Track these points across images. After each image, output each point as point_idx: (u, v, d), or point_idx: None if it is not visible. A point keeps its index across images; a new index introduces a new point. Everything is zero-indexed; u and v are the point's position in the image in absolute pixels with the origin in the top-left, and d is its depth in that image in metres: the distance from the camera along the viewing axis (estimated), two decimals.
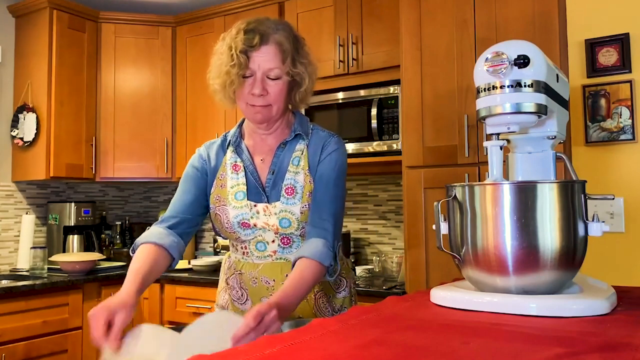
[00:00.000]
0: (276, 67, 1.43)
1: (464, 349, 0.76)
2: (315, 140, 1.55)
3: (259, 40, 1.41)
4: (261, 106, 1.45)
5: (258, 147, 1.56)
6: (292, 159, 1.51)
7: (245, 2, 3.50)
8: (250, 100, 1.45)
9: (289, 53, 1.44)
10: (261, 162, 1.54)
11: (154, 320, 3.31)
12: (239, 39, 1.42)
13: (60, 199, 3.81)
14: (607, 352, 0.72)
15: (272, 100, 1.45)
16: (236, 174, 1.52)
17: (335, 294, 1.55)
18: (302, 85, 1.49)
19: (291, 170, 1.50)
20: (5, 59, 3.57)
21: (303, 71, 1.47)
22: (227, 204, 1.49)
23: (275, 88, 1.44)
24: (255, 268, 1.50)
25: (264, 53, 1.42)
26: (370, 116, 2.82)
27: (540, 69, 1.09)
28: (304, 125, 1.56)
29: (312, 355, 0.73)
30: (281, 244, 1.48)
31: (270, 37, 1.43)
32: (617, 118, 2.05)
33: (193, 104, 3.72)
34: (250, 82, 1.44)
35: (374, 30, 2.92)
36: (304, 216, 1.46)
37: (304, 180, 1.49)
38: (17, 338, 2.78)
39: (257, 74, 1.43)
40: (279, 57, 1.43)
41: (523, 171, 1.26)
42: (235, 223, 1.47)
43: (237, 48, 1.41)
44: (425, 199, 2.46)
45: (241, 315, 1.16)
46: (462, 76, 2.40)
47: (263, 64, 1.42)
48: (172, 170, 3.77)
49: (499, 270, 1.02)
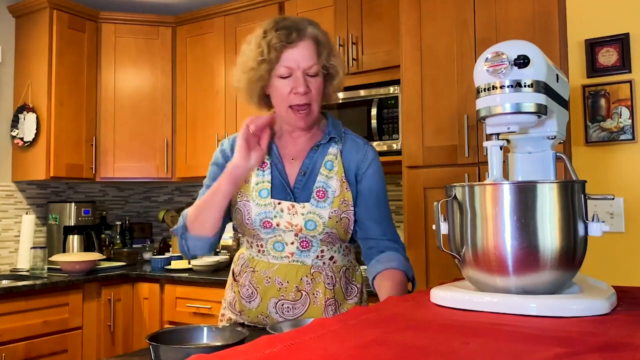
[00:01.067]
0: (315, 63, 1.39)
1: (464, 349, 0.76)
2: (350, 146, 1.53)
3: (296, 36, 1.37)
4: (305, 109, 1.41)
5: (289, 146, 1.52)
6: (325, 162, 1.49)
7: (245, 2, 3.50)
8: (294, 100, 1.40)
9: (325, 46, 1.41)
10: (291, 162, 1.51)
11: (153, 321, 3.31)
12: (273, 36, 1.37)
13: (60, 199, 3.81)
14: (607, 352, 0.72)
15: (314, 98, 1.42)
16: (262, 170, 1.49)
17: (346, 300, 1.53)
18: (336, 77, 1.46)
19: (323, 174, 1.47)
20: (5, 59, 3.57)
21: (337, 63, 1.45)
22: (250, 200, 1.46)
23: (315, 85, 1.41)
24: (270, 267, 1.48)
25: (302, 49, 1.38)
26: (370, 116, 2.82)
27: (540, 69, 1.09)
28: (338, 128, 1.54)
29: (312, 355, 0.73)
30: (300, 247, 1.46)
31: (306, 32, 1.39)
32: (617, 118, 2.05)
33: (193, 104, 3.72)
34: (290, 81, 1.39)
35: (374, 30, 2.92)
36: (331, 221, 1.44)
37: (338, 187, 1.47)
38: (17, 338, 2.78)
39: (296, 72, 1.38)
40: (315, 52, 1.39)
41: (523, 171, 1.26)
42: (257, 220, 1.45)
43: (270, 44, 1.36)
44: (425, 199, 2.46)
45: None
46: (462, 76, 2.40)
47: (302, 62, 1.38)
48: (172, 170, 3.77)
49: (499, 270, 1.02)
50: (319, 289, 1.47)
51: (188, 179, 3.79)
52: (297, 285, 1.46)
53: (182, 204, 4.18)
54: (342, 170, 1.49)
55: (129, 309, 3.39)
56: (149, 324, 3.33)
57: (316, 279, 1.47)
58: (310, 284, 1.47)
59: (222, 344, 1.15)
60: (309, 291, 1.47)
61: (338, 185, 1.47)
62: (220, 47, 3.62)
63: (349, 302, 1.54)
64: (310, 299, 1.47)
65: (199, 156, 3.66)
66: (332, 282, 1.49)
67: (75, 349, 3.06)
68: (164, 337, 1.16)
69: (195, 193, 4.16)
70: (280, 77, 1.40)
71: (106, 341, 3.25)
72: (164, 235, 4.26)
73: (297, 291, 1.46)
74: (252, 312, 1.50)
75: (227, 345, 1.06)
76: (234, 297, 1.56)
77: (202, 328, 1.23)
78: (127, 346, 3.35)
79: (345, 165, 1.50)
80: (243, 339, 1.13)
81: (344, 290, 1.52)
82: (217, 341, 1.20)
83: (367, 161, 1.53)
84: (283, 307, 1.46)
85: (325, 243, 1.47)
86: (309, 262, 1.47)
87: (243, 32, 3.53)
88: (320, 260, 1.48)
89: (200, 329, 1.23)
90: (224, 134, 3.53)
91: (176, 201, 4.26)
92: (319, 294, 1.47)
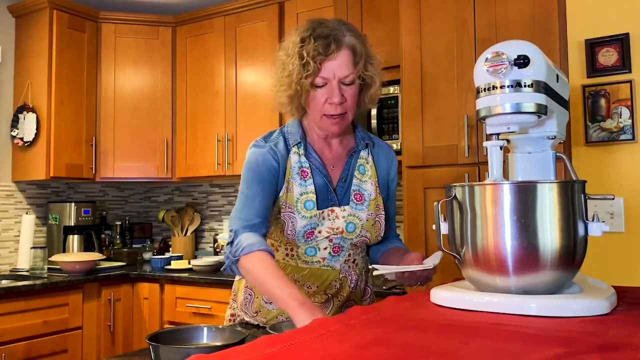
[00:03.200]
0: (351, 72, 1.37)
1: (464, 349, 0.76)
2: (379, 150, 1.56)
3: (335, 47, 1.34)
4: (339, 116, 1.39)
5: (326, 152, 1.51)
6: (358, 166, 1.51)
7: (245, 2, 3.50)
8: (329, 110, 1.38)
9: (362, 56, 1.39)
10: (332, 169, 1.50)
11: (153, 321, 3.31)
12: (311, 46, 1.34)
13: (60, 199, 3.81)
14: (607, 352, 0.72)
15: (349, 107, 1.40)
16: (304, 180, 1.45)
17: (361, 302, 1.56)
18: (373, 86, 1.44)
19: (357, 177, 1.49)
20: (5, 59, 3.57)
21: (374, 73, 1.42)
22: (294, 211, 1.42)
23: (350, 93, 1.39)
24: (299, 272, 1.47)
25: (339, 59, 1.35)
26: (370, 116, 2.82)
27: (540, 69, 1.09)
28: (366, 133, 1.56)
29: (312, 355, 0.73)
30: (332, 252, 1.46)
31: (344, 42, 1.37)
32: (617, 118, 2.05)
33: (193, 104, 3.72)
34: (325, 90, 1.37)
35: (374, 30, 2.92)
36: (367, 224, 1.46)
37: (373, 190, 1.49)
38: (17, 338, 2.78)
39: (332, 82, 1.36)
40: (352, 62, 1.37)
41: (523, 171, 1.26)
42: (302, 232, 1.42)
43: (312, 56, 1.33)
44: (425, 199, 2.46)
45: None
46: (462, 76, 2.40)
47: (338, 71, 1.36)
48: (172, 170, 3.77)
49: (499, 270, 1.02)
50: (344, 292, 1.50)
51: (188, 179, 3.79)
52: (325, 289, 1.47)
53: (182, 204, 4.18)
54: (375, 174, 1.52)
55: (129, 309, 3.39)
56: (149, 324, 3.33)
57: (343, 283, 1.49)
58: (338, 287, 1.49)
59: (222, 344, 1.15)
60: (334, 294, 1.49)
61: (373, 189, 1.49)
62: (220, 47, 3.62)
63: (364, 303, 1.57)
64: (333, 302, 1.49)
65: (199, 156, 3.66)
66: (356, 284, 1.52)
67: (75, 349, 3.06)
68: (164, 337, 1.16)
69: (195, 193, 4.16)
70: (316, 86, 1.38)
71: (106, 341, 3.25)
72: (164, 235, 4.26)
73: (324, 294, 1.48)
74: (271, 312, 1.50)
75: (227, 345, 1.06)
76: (250, 298, 1.55)
77: (202, 328, 1.23)
78: (127, 346, 3.35)
79: (378, 170, 1.53)
80: (243, 339, 1.13)
81: (362, 292, 1.56)
82: (217, 341, 1.20)
83: (394, 167, 1.59)
84: None
85: (353, 247, 1.49)
86: (337, 266, 1.48)
87: (243, 32, 3.53)
88: (346, 265, 1.50)
89: (200, 329, 1.23)
90: (224, 134, 3.53)
91: (176, 201, 4.26)
92: (342, 296, 1.50)
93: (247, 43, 3.50)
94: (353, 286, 1.51)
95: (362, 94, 1.45)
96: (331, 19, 1.44)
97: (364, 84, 1.43)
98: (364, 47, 1.41)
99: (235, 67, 3.55)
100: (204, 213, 4.08)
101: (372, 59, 1.43)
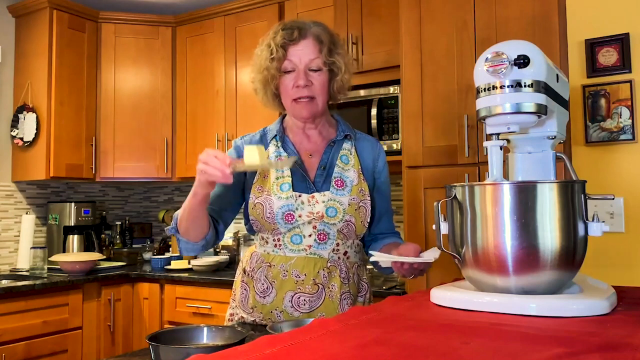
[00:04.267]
0: (316, 57, 1.48)
1: (464, 349, 0.76)
2: (364, 143, 1.63)
3: (297, 34, 1.48)
4: (307, 101, 1.49)
5: (304, 143, 1.60)
6: (341, 156, 1.57)
7: (246, 2, 3.50)
8: (296, 94, 1.49)
9: (326, 44, 1.50)
10: (309, 158, 1.58)
11: (153, 321, 3.31)
12: (278, 36, 1.49)
13: (60, 199, 3.81)
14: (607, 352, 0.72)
15: (317, 92, 1.50)
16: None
17: (357, 297, 1.57)
18: (339, 74, 1.53)
19: (339, 166, 1.55)
20: (5, 59, 3.57)
21: (339, 60, 1.52)
22: (271, 194, 1.50)
23: (318, 79, 1.50)
24: (287, 261, 1.50)
25: (303, 46, 1.48)
26: (370, 116, 2.82)
27: (540, 69, 1.09)
28: (349, 127, 1.63)
29: (312, 355, 0.73)
30: (317, 239, 1.49)
31: (308, 31, 1.50)
32: (617, 118, 2.05)
33: (193, 104, 3.72)
34: (293, 76, 1.49)
35: (374, 30, 2.92)
36: (350, 208, 1.50)
37: (355, 177, 1.55)
38: (17, 338, 2.78)
39: (299, 67, 1.48)
40: (317, 49, 1.49)
41: (523, 171, 1.26)
42: (279, 214, 1.48)
43: (277, 43, 1.47)
44: (425, 199, 2.46)
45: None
46: (462, 76, 2.40)
47: (304, 57, 1.48)
48: (172, 170, 3.77)
49: (499, 270, 1.02)
50: (334, 282, 1.50)
51: (188, 179, 3.79)
52: (314, 278, 1.49)
53: (182, 204, 4.17)
54: (358, 163, 1.58)
55: (129, 309, 3.39)
56: (149, 324, 3.33)
57: (332, 273, 1.51)
58: (326, 277, 1.50)
59: (222, 344, 1.15)
60: (325, 284, 1.49)
61: (355, 176, 1.55)
62: (220, 47, 3.62)
63: (359, 300, 1.58)
64: (326, 293, 1.49)
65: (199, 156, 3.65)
66: (347, 276, 1.53)
67: (75, 349, 3.06)
68: (164, 337, 1.16)
69: None
70: (285, 71, 1.49)
71: (106, 341, 3.25)
72: (164, 235, 4.26)
73: (314, 284, 1.49)
74: (265, 307, 1.51)
75: (227, 345, 1.06)
76: (246, 293, 1.57)
77: (202, 328, 1.23)
78: (127, 346, 3.35)
79: (361, 159, 1.59)
80: (243, 339, 1.13)
81: (357, 286, 1.57)
82: (217, 341, 1.20)
83: (382, 159, 1.64)
84: (299, 301, 1.48)
85: (341, 236, 1.51)
86: (325, 255, 1.50)
87: (243, 32, 3.53)
88: (335, 255, 1.52)
89: (200, 329, 1.23)
90: (224, 134, 3.53)
91: (176, 201, 4.26)
92: (334, 287, 1.50)
93: (247, 43, 3.50)
94: (344, 278, 1.51)
95: (331, 82, 1.54)
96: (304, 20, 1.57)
97: (331, 73, 1.53)
98: (331, 38, 1.53)
99: (235, 67, 3.55)
100: None
101: (338, 49, 1.54)
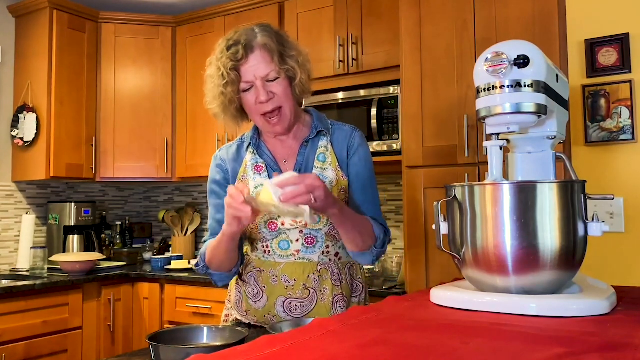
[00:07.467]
0: (270, 69, 1.43)
1: (464, 349, 0.76)
2: (339, 135, 1.57)
3: (243, 52, 1.41)
4: (277, 116, 1.46)
5: (279, 148, 1.57)
6: (317, 155, 1.53)
7: (245, 2, 3.50)
8: (261, 109, 1.45)
9: (275, 51, 1.44)
10: (285, 164, 1.55)
11: (154, 320, 3.31)
12: (225, 57, 1.43)
13: (61, 199, 3.81)
14: (607, 352, 0.72)
15: (282, 101, 1.46)
16: (259, 174, 1.53)
17: (351, 298, 1.55)
18: (296, 77, 1.49)
19: (317, 167, 1.51)
20: (5, 59, 3.57)
21: (293, 65, 1.47)
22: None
23: (279, 88, 1.45)
24: (276, 266, 1.49)
25: (253, 61, 1.42)
26: (370, 116, 2.82)
27: (540, 69, 1.09)
28: (324, 121, 1.58)
29: (312, 355, 0.73)
30: (305, 244, 1.48)
31: (254, 44, 1.43)
32: (617, 118, 2.05)
33: (193, 104, 3.72)
34: (253, 93, 1.44)
35: (374, 30, 2.92)
36: None
37: (334, 176, 1.51)
38: (17, 338, 2.78)
39: (256, 82, 1.43)
40: (268, 58, 1.43)
41: (523, 171, 1.26)
42: (262, 223, 1.47)
43: (226, 66, 1.42)
44: (425, 199, 2.46)
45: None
46: (462, 76, 2.40)
47: (257, 72, 1.43)
48: (172, 170, 3.77)
49: (499, 270, 1.02)
50: (326, 285, 1.49)
51: (188, 179, 3.79)
52: (304, 283, 1.47)
53: (182, 204, 4.18)
54: (335, 160, 1.53)
55: (129, 309, 3.39)
56: (149, 324, 3.33)
57: (323, 276, 1.49)
58: (317, 281, 1.48)
59: (222, 344, 1.15)
60: (316, 288, 1.48)
61: (334, 175, 1.51)
62: None
63: (354, 300, 1.56)
64: (317, 296, 1.48)
65: (199, 156, 3.66)
66: (339, 278, 1.51)
67: (75, 349, 3.06)
68: (164, 337, 1.16)
69: (195, 193, 4.17)
70: (244, 91, 1.45)
71: (106, 341, 3.25)
72: (164, 235, 4.26)
73: (305, 289, 1.47)
74: (258, 311, 1.51)
75: (227, 345, 1.06)
76: (240, 296, 1.57)
77: (202, 328, 1.23)
78: (127, 346, 3.35)
79: (337, 155, 1.54)
80: (243, 339, 1.13)
81: (350, 287, 1.55)
82: (217, 341, 1.20)
83: (354, 147, 1.56)
84: (291, 306, 1.47)
85: (330, 238, 1.49)
86: (315, 259, 1.48)
87: None
88: (326, 257, 1.50)
89: (200, 329, 1.23)
90: (224, 134, 3.53)
91: (176, 201, 4.26)
92: (326, 290, 1.48)
93: None
94: (336, 280, 1.49)
95: (292, 87, 1.49)
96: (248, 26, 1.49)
97: (289, 77, 1.48)
98: (279, 40, 1.46)
99: None
100: (204, 213, 4.08)
101: (289, 51, 1.47)
